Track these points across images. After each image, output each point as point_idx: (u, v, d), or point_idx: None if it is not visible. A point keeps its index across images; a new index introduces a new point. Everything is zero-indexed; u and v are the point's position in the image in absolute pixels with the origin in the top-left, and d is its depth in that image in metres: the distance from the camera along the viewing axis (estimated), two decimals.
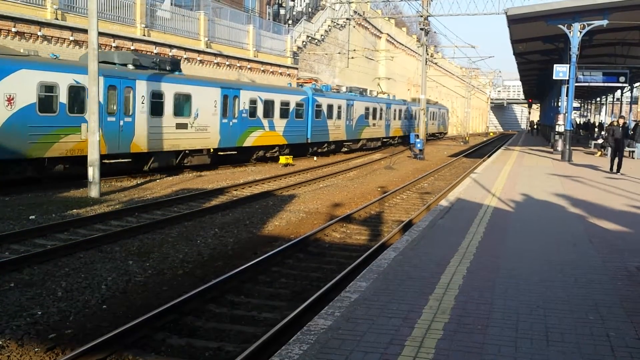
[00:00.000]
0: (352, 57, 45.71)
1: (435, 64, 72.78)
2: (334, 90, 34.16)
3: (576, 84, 25.07)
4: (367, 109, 37.12)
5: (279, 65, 37.51)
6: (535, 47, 29.95)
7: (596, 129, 45.16)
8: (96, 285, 8.24)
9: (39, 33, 20.92)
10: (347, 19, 44.14)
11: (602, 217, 10.77)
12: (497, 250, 7.99)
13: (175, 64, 22.18)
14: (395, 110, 43.42)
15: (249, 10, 38.74)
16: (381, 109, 39.99)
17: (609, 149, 27.71)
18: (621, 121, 20.53)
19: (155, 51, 26.42)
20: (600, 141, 31.31)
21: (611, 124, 23.08)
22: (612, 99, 52.43)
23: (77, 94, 17.24)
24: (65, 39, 21.94)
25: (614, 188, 15.36)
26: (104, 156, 17.27)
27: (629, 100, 45.00)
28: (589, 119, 62.55)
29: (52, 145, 16.61)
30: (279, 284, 8.66)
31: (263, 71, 35.63)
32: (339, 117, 32.91)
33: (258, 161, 26.69)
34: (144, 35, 26.08)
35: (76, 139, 17.03)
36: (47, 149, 16.53)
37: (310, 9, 45.75)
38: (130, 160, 19.24)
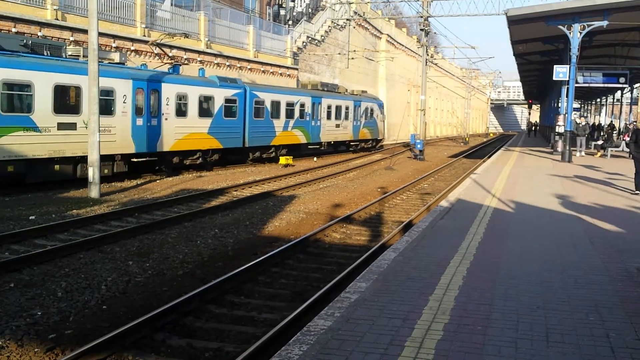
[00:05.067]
0: (352, 58, 45.70)
1: (436, 64, 72.80)
2: None
3: (576, 85, 25.08)
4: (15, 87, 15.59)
5: (279, 66, 37.52)
6: (535, 48, 29.96)
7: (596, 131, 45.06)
8: (96, 286, 8.24)
9: (39, 33, 20.91)
10: (347, 19, 44.16)
11: (603, 217, 10.76)
12: (497, 250, 7.99)
13: None
14: (154, 97, 19.99)
15: (249, 11, 38.76)
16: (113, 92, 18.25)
17: (609, 150, 27.87)
18: None
19: (155, 51, 26.42)
20: (600, 142, 31.30)
21: (634, 127, 16.99)
22: (612, 100, 52.41)
23: None
24: (65, 39, 21.92)
25: (614, 189, 15.35)
26: None
27: (629, 101, 45.01)
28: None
29: None
30: (279, 284, 8.66)
31: (263, 71, 35.64)
32: None
33: None
34: (144, 35, 26.08)
35: None
36: None
37: (310, 10, 45.73)
38: None
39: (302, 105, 29.53)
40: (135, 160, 19.38)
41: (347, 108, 34.45)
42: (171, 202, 15.18)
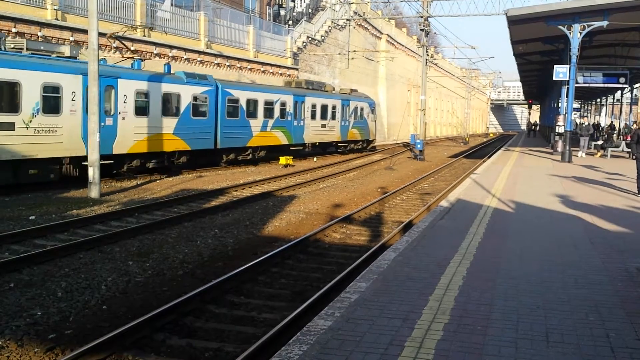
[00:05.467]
0: (352, 58, 45.71)
1: (436, 64, 72.83)
2: None
3: (576, 85, 25.08)
4: None
5: (279, 66, 37.54)
6: (536, 48, 29.96)
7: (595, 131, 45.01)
8: (96, 286, 8.24)
9: (39, 33, 20.92)
10: (347, 19, 44.16)
11: (603, 217, 10.76)
12: (497, 250, 7.99)
13: None
14: None
15: (249, 11, 38.78)
16: None
17: (609, 150, 27.85)
18: None
19: (155, 52, 26.44)
20: (600, 142, 31.28)
21: (637, 128, 16.59)
22: (612, 100, 52.44)
23: None
24: (65, 39, 21.93)
25: (614, 189, 15.35)
26: None
27: (629, 101, 44.99)
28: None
29: None
30: (279, 284, 8.66)
31: (263, 72, 35.65)
32: None
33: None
34: (144, 35, 26.08)
35: None
36: None
37: (310, 10, 45.75)
38: None
39: (283, 104, 27.54)
40: (86, 163, 16.49)
41: (334, 107, 32.41)
42: (171, 202, 15.18)
